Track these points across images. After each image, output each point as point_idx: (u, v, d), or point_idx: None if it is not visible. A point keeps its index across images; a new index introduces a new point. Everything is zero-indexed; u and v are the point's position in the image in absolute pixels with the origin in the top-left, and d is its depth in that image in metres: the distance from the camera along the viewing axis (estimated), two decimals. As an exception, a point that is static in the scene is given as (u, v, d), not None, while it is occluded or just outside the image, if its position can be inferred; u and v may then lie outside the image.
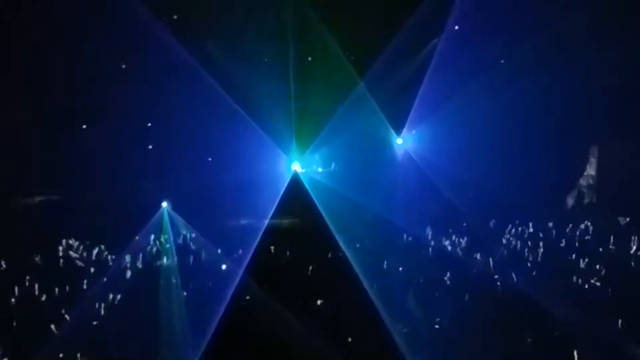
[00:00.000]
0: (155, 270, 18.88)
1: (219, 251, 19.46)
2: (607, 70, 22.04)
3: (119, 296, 17.44)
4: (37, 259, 18.73)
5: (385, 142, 23.78)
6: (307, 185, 22.38)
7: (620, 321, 16.60)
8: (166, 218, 20.63)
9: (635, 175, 22.16)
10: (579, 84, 22.27)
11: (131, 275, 18.68)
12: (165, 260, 19.40)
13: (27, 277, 17.84)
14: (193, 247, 20.12)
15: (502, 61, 23.15)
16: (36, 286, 17.57)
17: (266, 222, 21.27)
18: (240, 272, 18.50)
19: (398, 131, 23.71)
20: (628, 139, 22.87)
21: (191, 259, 19.49)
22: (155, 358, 15.78)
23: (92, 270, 18.68)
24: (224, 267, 19.04)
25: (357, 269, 18.77)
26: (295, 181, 22.49)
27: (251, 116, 21.59)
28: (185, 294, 17.92)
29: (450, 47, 22.77)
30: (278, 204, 21.58)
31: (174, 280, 18.33)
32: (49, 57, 20.19)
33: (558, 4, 22.14)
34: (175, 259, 19.39)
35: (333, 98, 22.38)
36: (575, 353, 15.68)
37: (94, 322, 16.67)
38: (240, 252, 19.46)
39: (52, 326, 16.36)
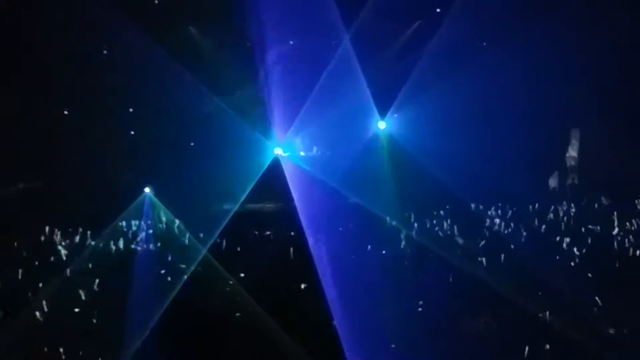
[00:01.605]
0: (137, 256, 18.86)
1: (201, 236, 19.43)
2: (590, 53, 22.13)
3: (101, 283, 17.43)
4: (18, 247, 18.65)
5: (368, 125, 23.76)
6: (289, 170, 22.36)
7: (602, 301, 16.68)
8: (148, 204, 20.62)
9: (617, 156, 22.26)
10: (561, 67, 22.36)
11: (113, 262, 18.66)
12: (147, 246, 19.40)
13: (9, 265, 17.81)
14: (176, 232, 20.11)
15: (485, 44, 23.18)
16: (18, 274, 17.51)
17: (249, 206, 21.29)
18: (223, 257, 18.53)
19: (382, 114, 23.69)
20: (609, 121, 22.94)
21: (173, 245, 19.48)
22: (135, 345, 15.79)
23: (74, 257, 18.63)
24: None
25: (340, 252, 18.85)
26: (278, 166, 22.47)
27: (230, 102, 21.56)
28: (169, 279, 17.91)
29: (435, 31, 22.80)
30: (260, 189, 21.58)
31: (156, 266, 18.32)
32: (28, 45, 20.07)
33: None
34: (158, 244, 19.39)
35: (312, 80, 22.30)
36: (558, 333, 15.76)
37: (76, 310, 16.66)
38: (223, 236, 19.47)
39: (37, 314, 16.35)
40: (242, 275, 17.79)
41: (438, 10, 23.07)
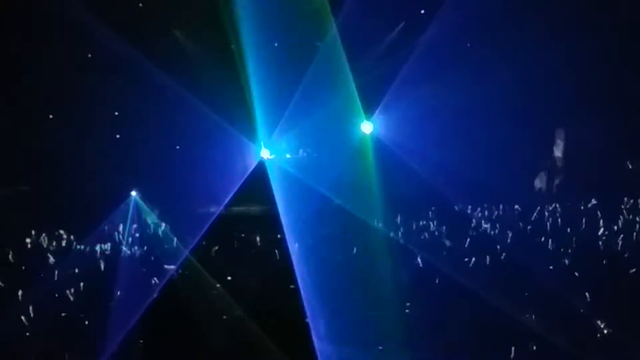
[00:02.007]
0: (123, 260, 18.79)
1: (188, 239, 19.38)
2: (575, 52, 22.14)
3: (87, 287, 17.36)
4: (3, 250, 18.53)
5: (354, 126, 23.72)
6: (275, 172, 22.31)
7: (588, 301, 16.69)
8: (134, 207, 20.54)
9: (602, 156, 22.30)
10: (547, 66, 22.36)
11: (100, 266, 18.57)
12: (133, 249, 19.33)
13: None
14: (162, 235, 20.05)
15: (469, 45, 23.17)
16: (4, 279, 17.42)
17: (235, 209, 21.23)
18: (208, 260, 18.50)
19: (368, 115, 23.65)
20: (595, 121, 22.97)
21: (159, 248, 19.42)
22: (121, 349, 15.75)
23: (60, 260, 18.54)
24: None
25: (326, 255, 18.87)
26: (263, 168, 22.40)
27: (215, 104, 21.47)
28: (155, 281, 17.86)
29: (421, 30, 22.78)
30: (246, 192, 21.52)
31: (143, 270, 18.27)
32: (13, 48, 19.97)
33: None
34: (144, 247, 19.32)
35: (297, 82, 22.24)
36: (543, 335, 15.76)
37: (63, 314, 16.59)
38: (209, 239, 19.42)
39: (22, 318, 16.28)
40: (228, 278, 17.77)
41: (422, 11, 23.05)
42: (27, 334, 16.07)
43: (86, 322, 16.30)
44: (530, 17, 21.92)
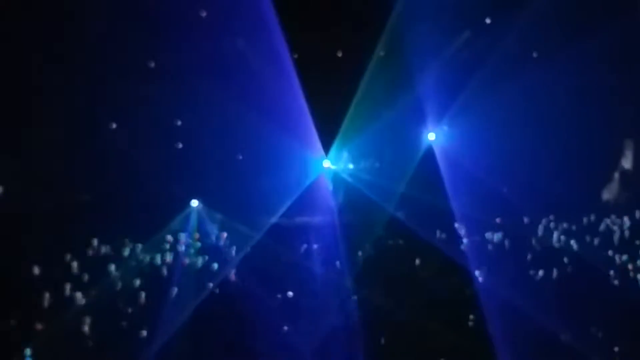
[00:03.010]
0: (184, 270, 18.87)
1: (249, 250, 19.37)
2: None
3: (148, 296, 17.47)
4: (68, 260, 18.67)
5: (417, 136, 23.58)
6: (337, 182, 22.30)
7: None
8: (196, 217, 20.62)
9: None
10: (616, 75, 22.06)
11: (161, 276, 18.68)
12: (194, 259, 19.39)
13: (59, 279, 17.85)
14: (223, 246, 20.08)
15: (536, 55, 22.92)
16: (68, 288, 17.54)
17: (297, 220, 21.21)
18: (270, 271, 18.51)
19: (432, 124, 23.51)
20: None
21: (221, 259, 19.44)
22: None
23: (121, 270, 18.65)
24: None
25: (389, 265, 18.82)
26: (326, 178, 22.37)
27: (277, 114, 21.48)
28: (217, 292, 17.95)
29: (482, 41, 22.62)
30: (308, 202, 21.50)
31: (203, 279, 18.31)
32: (77, 56, 20.17)
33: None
34: (206, 258, 19.36)
35: (359, 90, 22.17)
36: (616, 350, 15.58)
37: (124, 323, 16.71)
38: (270, 250, 19.42)
39: (85, 328, 16.43)
40: (289, 294, 17.79)
41: (488, 21, 22.86)
42: (90, 342, 16.24)
43: (146, 331, 16.43)
44: (599, 26, 21.60)
